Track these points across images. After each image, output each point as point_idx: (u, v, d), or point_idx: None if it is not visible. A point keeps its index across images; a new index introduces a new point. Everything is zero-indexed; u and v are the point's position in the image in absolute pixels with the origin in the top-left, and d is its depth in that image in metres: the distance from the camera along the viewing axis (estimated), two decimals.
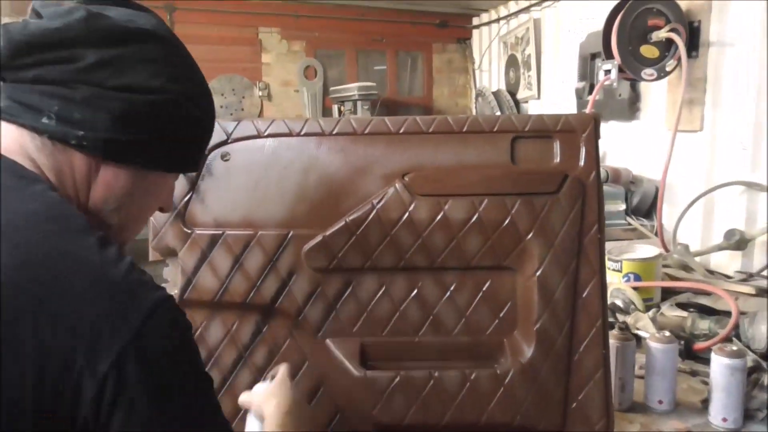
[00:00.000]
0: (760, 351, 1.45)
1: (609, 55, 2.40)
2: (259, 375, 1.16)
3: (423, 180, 1.13)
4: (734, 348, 1.28)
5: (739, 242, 2.19)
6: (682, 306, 1.80)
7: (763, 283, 1.97)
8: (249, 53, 4.20)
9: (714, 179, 2.42)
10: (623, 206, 2.66)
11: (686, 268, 2.20)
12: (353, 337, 1.15)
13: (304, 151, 1.17)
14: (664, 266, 2.23)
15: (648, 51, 2.37)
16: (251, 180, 1.17)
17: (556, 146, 1.17)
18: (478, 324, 1.15)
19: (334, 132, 1.16)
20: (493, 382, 1.11)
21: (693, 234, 2.51)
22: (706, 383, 1.38)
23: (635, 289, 1.89)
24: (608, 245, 2.21)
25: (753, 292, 1.88)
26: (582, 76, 3.12)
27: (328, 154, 1.16)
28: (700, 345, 1.55)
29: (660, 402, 1.33)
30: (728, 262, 2.38)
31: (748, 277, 2.09)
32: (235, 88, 4.23)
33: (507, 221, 1.13)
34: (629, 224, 2.67)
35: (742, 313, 1.59)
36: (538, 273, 1.13)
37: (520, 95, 3.99)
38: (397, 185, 1.13)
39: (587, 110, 2.66)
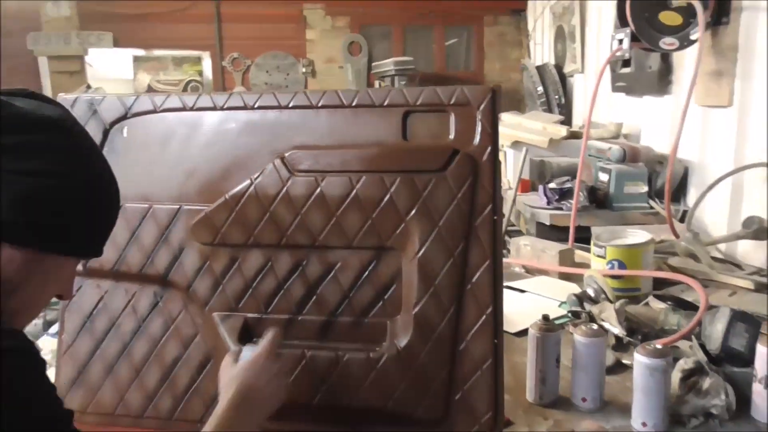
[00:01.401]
0: (714, 352, 1.30)
1: (624, 23, 2.22)
2: (154, 345, 1.19)
3: (301, 157, 1.10)
4: (657, 347, 1.16)
5: (757, 231, 1.97)
6: (661, 298, 1.65)
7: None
8: (293, 30, 4.24)
9: (744, 160, 2.19)
10: (645, 188, 2.47)
11: (695, 257, 2.01)
12: (239, 313, 1.15)
13: (198, 126, 1.17)
14: (671, 254, 2.06)
15: (668, 18, 2.16)
16: (148, 154, 1.19)
17: (451, 121, 1.10)
18: (362, 305, 1.12)
19: (224, 107, 1.15)
20: (365, 365, 1.08)
21: (719, 220, 2.29)
22: None
23: (618, 277, 1.76)
24: (599, 229, 2.07)
25: (752, 287, 1.70)
26: None
27: (219, 129, 1.16)
28: (659, 341, 1.42)
29: (584, 399, 1.24)
30: (754, 252, 2.15)
31: (757, 271, 1.88)
32: (279, 65, 4.30)
33: (386, 200, 1.08)
34: (651, 208, 2.48)
35: (711, 307, 1.44)
36: (419, 255, 1.07)
37: (566, 69, 3.78)
38: (275, 162, 1.11)
39: (613, 87, 2.48)
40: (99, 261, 1.16)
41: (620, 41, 2.22)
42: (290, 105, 1.14)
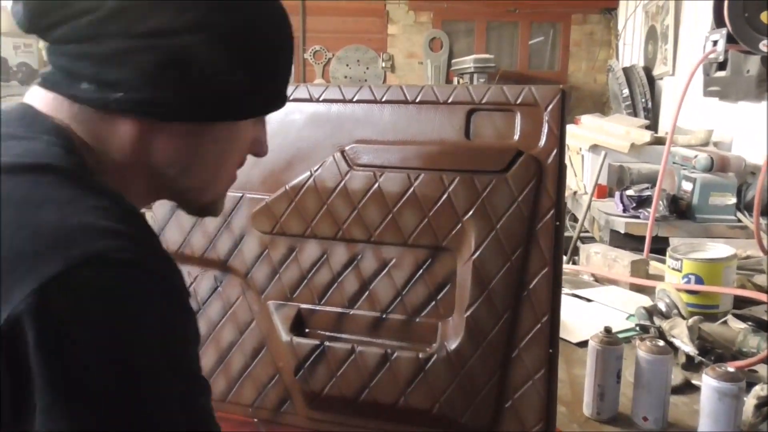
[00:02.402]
0: None
1: (720, 23, 2.08)
2: (212, 328, 1.22)
3: (361, 151, 1.09)
4: (730, 370, 1.08)
5: None
6: (742, 318, 1.55)
7: None
8: (375, 24, 4.26)
9: None
10: (733, 200, 2.32)
11: None
12: (293, 302, 1.16)
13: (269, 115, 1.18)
14: (758, 271, 1.92)
15: None
16: None
17: (516, 121, 1.06)
18: (413, 304, 1.10)
19: (291, 98, 1.16)
20: (414, 365, 1.06)
21: None
22: None
23: (694, 292, 1.66)
24: (677, 241, 1.96)
25: None
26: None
27: (285, 119, 1.17)
28: (734, 363, 1.33)
29: (645, 419, 1.17)
30: None
31: None
32: (360, 59, 4.33)
33: (443, 199, 1.06)
34: (739, 221, 2.32)
35: None
36: (474, 257, 1.05)
37: (656, 71, 3.60)
38: (335, 155, 1.11)
39: (705, 91, 2.34)
40: (164, 242, 1.21)
41: (714, 42, 2.08)
42: (354, 99, 1.13)
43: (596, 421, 1.20)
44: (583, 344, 1.46)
